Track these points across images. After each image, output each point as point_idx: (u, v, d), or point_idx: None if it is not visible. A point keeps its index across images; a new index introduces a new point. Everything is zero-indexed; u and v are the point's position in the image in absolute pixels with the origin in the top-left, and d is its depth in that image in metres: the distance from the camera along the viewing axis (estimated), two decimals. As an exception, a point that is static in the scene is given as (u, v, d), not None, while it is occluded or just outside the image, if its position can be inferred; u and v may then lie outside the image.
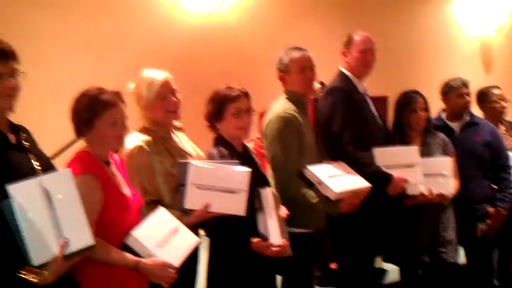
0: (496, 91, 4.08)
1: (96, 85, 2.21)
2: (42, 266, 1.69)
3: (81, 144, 2.24)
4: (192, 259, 2.40)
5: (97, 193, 2.08)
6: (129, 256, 2.10)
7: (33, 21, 4.08)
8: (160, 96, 2.56)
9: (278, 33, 4.95)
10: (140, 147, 2.49)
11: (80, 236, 1.81)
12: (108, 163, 2.22)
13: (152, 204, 2.40)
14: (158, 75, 2.59)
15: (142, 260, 2.10)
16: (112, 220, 2.11)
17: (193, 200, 2.39)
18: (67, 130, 2.24)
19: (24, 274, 1.58)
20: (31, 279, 1.59)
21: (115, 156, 2.32)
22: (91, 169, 2.11)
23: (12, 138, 1.94)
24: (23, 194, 1.68)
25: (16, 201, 1.66)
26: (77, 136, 2.22)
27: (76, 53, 4.27)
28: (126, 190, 2.25)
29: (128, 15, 4.45)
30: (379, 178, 3.11)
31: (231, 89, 2.66)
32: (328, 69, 3.44)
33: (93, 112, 2.14)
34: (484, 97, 4.09)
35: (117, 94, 2.21)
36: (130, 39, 4.43)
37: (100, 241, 2.00)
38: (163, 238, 2.19)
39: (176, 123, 2.74)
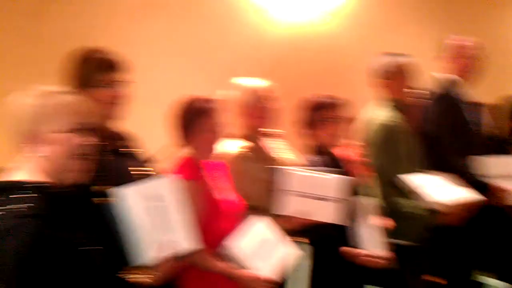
0: None
1: (194, 93, 2.28)
2: (151, 267, 1.74)
3: (178, 150, 2.31)
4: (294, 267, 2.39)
5: (198, 199, 2.13)
6: (225, 265, 2.12)
7: (130, 30, 4.26)
8: (263, 103, 2.60)
9: (373, 39, 4.85)
10: (240, 154, 2.55)
11: (188, 239, 1.85)
12: (205, 169, 2.27)
13: (251, 210, 2.43)
14: (262, 82, 2.66)
15: (238, 271, 2.12)
16: (210, 225, 2.15)
17: (290, 206, 2.40)
18: (165, 136, 2.31)
19: (135, 275, 1.63)
20: (142, 279, 1.64)
21: (216, 161, 2.37)
22: (193, 175, 2.17)
23: (117, 144, 2.03)
24: (133, 198, 1.74)
25: (126, 204, 1.73)
26: (176, 143, 2.29)
27: (171, 61, 4.41)
28: (226, 195, 2.29)
29: (224, 24, 4.54)
30: (478, 188, 2.97)
31: (324, 97, 2.67)
32: (426, 75, 3.33)
33: (192, 119, 2.21)
34: None
35: (214, 102, 2.27)
36: (224, 48, 4.52)
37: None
38: (260, 248, 2.20)
39: (274, 130, 2.77)
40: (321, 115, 2.63)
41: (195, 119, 2.22)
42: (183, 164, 2.22)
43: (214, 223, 2.18)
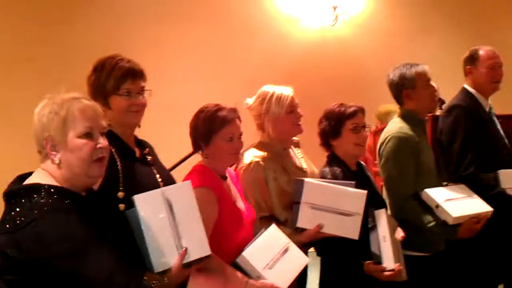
0: None
1: (214, 102, 2.29)
2: (163, 273, 1.76)
3: (198, 158, 2.32)
4: (300, 278, 2.39)
5: (213, 206, 2.14)
6: (238, 274, 2.12)
7: (155, 40, 4.31)
8: (290, 110, 2.59)
9: (393, 48, 4.85)
10: (256, 163, 2.52)
11: (198, 245, 1.86)
12: (224, 178, 2.28)
13: (265, 220, 2.43)
14: (286, 90, 2.64)
15: (251, 281, 2.12)
16: (225, 232, 2.15)
17: (306, 219, 2.37)
18: (185, 144, 2.33)
19: (146, 280, 1.65)
20: (153, 285, 1.65)
21: (231, 170, 2.38)
22: (208, 182, 2.18)
23: (137, 152, 2.05)
24: (147, 204, 1.77)
25: (141, 211, 1.75)
26: (195, 151, 2.31)
27: (193, 68, 4.46)
28: (240, 204, 2.30)
29: (246, 31, 4.58)
30: (503, 202, 2.92)
31: (346, 106, 2.65)
32: (446, 86, 3.30)
33: (212, 128, 2.21)
34: None
35: (234, 111, 2.28)
36: (246, 55, 4.55)
37: (213, 255, 2.04)
38: (273, 258, 2.19)
39: (295, 138, 2.76)
40: (344, 124, 2.61)
41: (215, 127, 2.22)
42: (200, 171, 2.23)
43: (232, 231, 2.19)
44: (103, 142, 1.68)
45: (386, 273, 2.42)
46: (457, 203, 2.76)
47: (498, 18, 5.39)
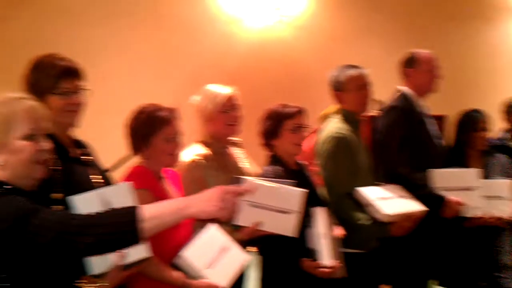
0: None
1: (152, 102, 2.28)
2: (101, 275, 1.75)
3: (136, 159, 2.31)
4: (240, 276, 2.41)
5: None
6: (178, 275, 2.13)
7: (95, 39, 4.25)
8: (223, 109, 2.61)
9: (334, 50, 4.94)
10: (195, 161, 2.53)
11: (137, 247, 1.86)
12: (161, 178, 2.28)
13: (203, 219, 2.43)
14: (224, 89, 2.65)
15: (190, 281, 2.13)
16: (164, 234, 2.13)
17: (245, 217, 2.38)
18: (124, 145, 2.31)
19: (84, 283, 1.64)
20: None
21: (169, 170, 2.37)
22: (146, 184, 2.17)
23: (74, 152, 2.02)
24: (85, 205, 1.75)
25: (78, 212, 1.73)
26: (133, 152, 2.29)
27: (136, 69, 4.41)
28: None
29: (189, 32, 4.56)
30: (434, 200, 3.04)
31: (287, 106, 2.68)
32: (385, 87, 3.40)
33: (150, 128, 2.20)
34: None
35: (173, 111, 2.26)
36: (190, 56, 4.53)
37: (153, 257, 2.05)
38: (213, 257, 2.20)
39: (234, 138, 2.78)
40: (283, 124, 2.64)
41: (153, 128, 2.20)
42: (138, 172, 2.22)
43: (171, 233, 2.18)
44: (46, 144, 1.66)
45: (323, 269, 2.48)
46: (389, 201, 2.85)
47: (435, 22, 5.57)
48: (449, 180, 3.15)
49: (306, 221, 2.51)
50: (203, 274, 2.14)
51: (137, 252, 1.84)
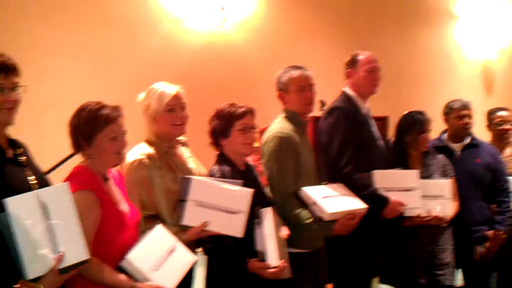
0: (500, 113, 4.04)
1: (95, 100, 2.21)
2: (37, 279, 1.69)
3: (78, 158, 2.24)
4: (187, 277, 2.37)
5: (95, 210, 2.07)
6: (123, 278, 2.07)
7: (34, 34, 4.10)
8: (168, 109, 2.56)
9: (280, 52, 4.97)
10: (140, 161, 2.47)
11: (75, 250, 1.81)
12: (106, 179, 2.22)
13: (150, 219, 2.39)
14: (170, 88, 2.60)
15: (137, 284, 2.08)
16: (108, 237, 2.09)
17: (192, 217, 2.37)
18: (66, 144, 2.23)
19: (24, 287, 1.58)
20: None
21: (113, 170, 2.31)
22: (89, 185, 2.10)
23: (9, 152, 1.94)
24: (20, 208, 1.69)
25: (12, 214, 1.67)
26: (75, 151, 2.22)
27: (76, 67, 4.29)
28: (124, 206, 2.24)
29: (130, 31, 4.47)
30: (376, 201, 3.11)
31: (237, 106, 2.67)
32: (330, 88, 3.44)
33: (93, 127, 2.13)
34: (489, 118, 4.08)
35: (117, 109, 2.20)
36: (131, 55, 4.44)
37: (96, 260, 1.99)
38: (159, 259, 2.17)
39: (181, 137, 2.74)
40: (233, 124, 2.63)
41: (97, 126, 2.14)
42: (81, 173, 2.14)
43: (116, 235, 2.13)
44: None
45: (270, 270, 2.48)
46: (333, 200, 2.90)
47: (377, 24, 5.70)
48: (390, 181, 3.22)
49: (253, 221, 2.51)
50: (149, 277, 2.10)
51: (75, 255, 1.79)
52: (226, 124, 2.64)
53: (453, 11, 6.38)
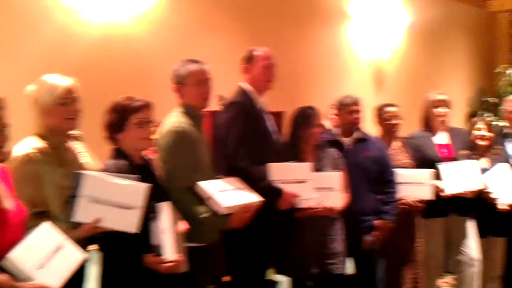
0: (389, 109, 4.23)
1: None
2: None
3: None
4: (78, 275, 2.32)
5: None
6: (3, 278, 1.98)
7: None
8: (60, 102, 2.48)
9: (180, 45, 4.94)
10: (28, 155, 2.38)
11: None
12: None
13: (38, 216, 2.30)
14: (63, 81, 2.52)
15: (19, 284, 2.00)
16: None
17: (84, 213, 2.32)
18: None
19: None
20: None
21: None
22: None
23: None
24: None
25: None
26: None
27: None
28: (7, 202, 2.14)
29: (20, 20, 4.24)
30: (270, 193, 3.20)
31: (133, 100, 2.62)
32: (230, 83, 3.48)
33: None
34: (378, 114, 4.29)
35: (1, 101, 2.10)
36: (24, 45, 4.22)
37: None
38: (44, 257, 2.09)
39: (73, 132, 2.66)
40: (129, 118, 2.59)
41: None
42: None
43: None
44: None
45: (166, 264, 2.48)
46: (228, 194, 2.95)
47: (275, 21, 5.81)
48: (284, 173, 3.34)
49: (150, 216, 2.49)
50: (32, 276, 2.02)
51: None
52: (122, 117, 2.59)
53: (347, 11, 6.61)
